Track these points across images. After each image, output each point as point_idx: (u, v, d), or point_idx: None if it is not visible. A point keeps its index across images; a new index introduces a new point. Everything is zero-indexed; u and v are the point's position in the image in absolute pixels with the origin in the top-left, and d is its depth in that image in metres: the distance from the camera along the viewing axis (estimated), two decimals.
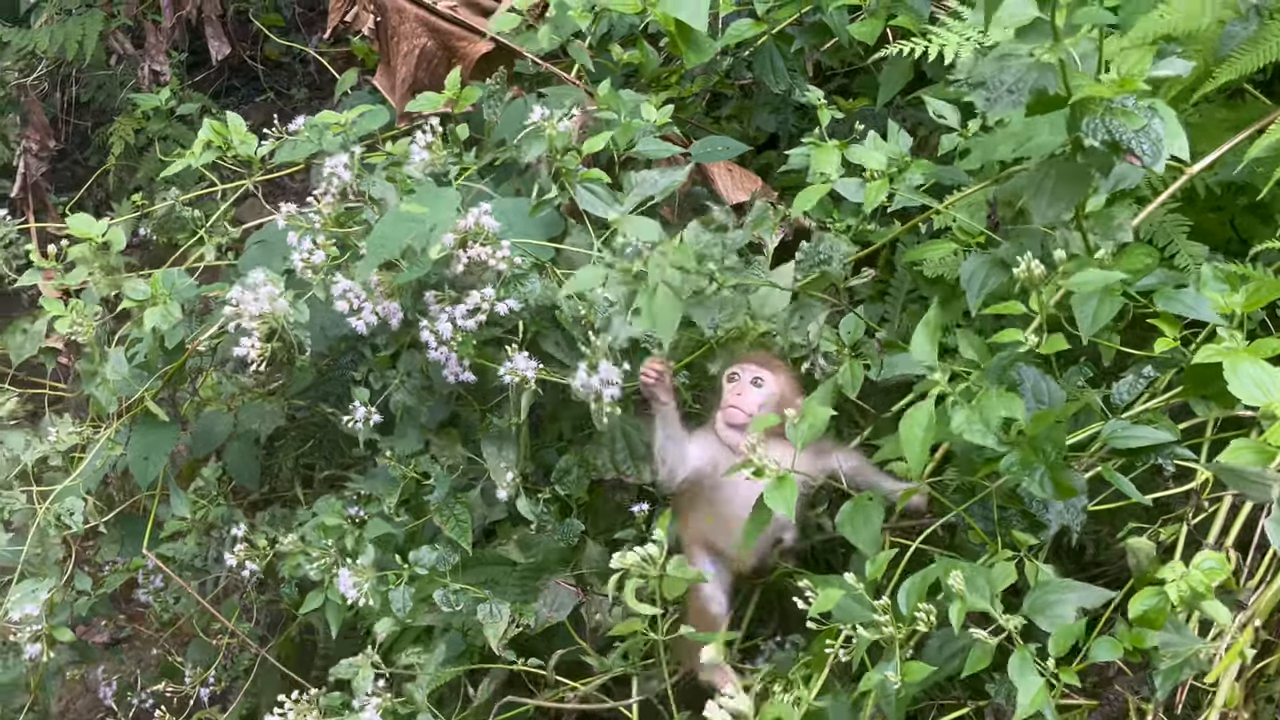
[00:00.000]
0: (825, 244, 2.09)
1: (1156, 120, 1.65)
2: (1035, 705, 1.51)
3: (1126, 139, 1.65)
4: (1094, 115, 1.66)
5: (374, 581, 2.19)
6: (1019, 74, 1.66)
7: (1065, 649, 1.54)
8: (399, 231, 2.11)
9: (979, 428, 1.60)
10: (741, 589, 2.24)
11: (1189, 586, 1.50)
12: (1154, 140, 1.65)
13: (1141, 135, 1.65)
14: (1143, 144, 1.65)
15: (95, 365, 2.50)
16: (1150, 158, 1.65)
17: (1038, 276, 1.69)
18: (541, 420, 2.54)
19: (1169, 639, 1.56)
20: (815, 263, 2.07)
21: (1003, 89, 1.66)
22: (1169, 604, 1.51)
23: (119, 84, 4.86)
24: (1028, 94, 1.63)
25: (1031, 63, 1.64)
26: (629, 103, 2.38)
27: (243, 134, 2.43)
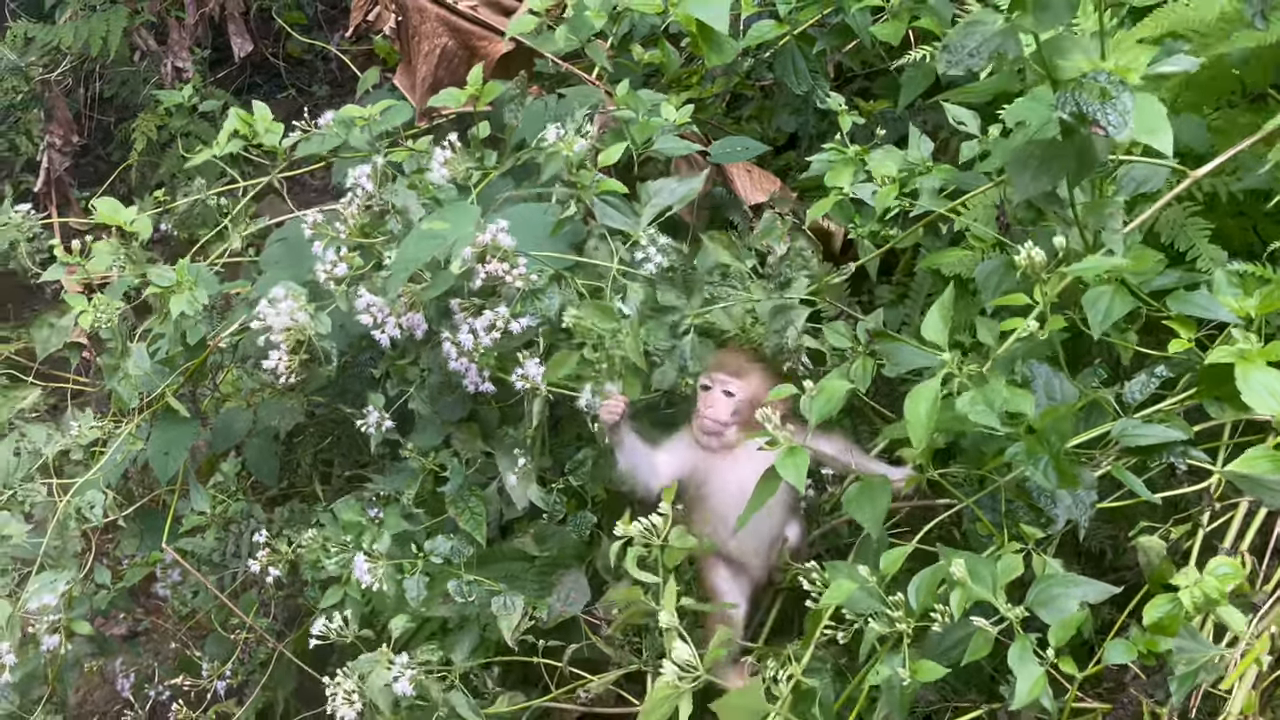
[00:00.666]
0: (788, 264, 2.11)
1: (1126, 94, 1.65)
2: (1033, 694, 1.51)
3: (1093, 110, 1.66)
4: (1066, 90, 1.67)
5: (389, 570, 2.20)
6: (983, 38, 1.69)
7: (1065, 639, 1.54)
8: (423, 249, 2.12)
9: (982, 408, 1.61)
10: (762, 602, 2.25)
11: (1203, 593, 1.50)
12: (1121, 112, 1.65)
13: (1108, 107, 1.65)
14: (1108, 115, 1.65)
15: (117, 360, 2.52)
16: (1115, 128, 1.65)
17: (1038, 264, 1.69)
18: (560, 420, 2.55)
19: (1184, 645, 1.56)
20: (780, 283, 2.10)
21: (964, 51, 1.69)
22: (1183, 610, 1.51)
23: (142, 80, 4.89)
24: (988, 56, 1.66)
25: (997, 28, 1.67)
26: (648, 101, 2.38)
27: (269, 123, 2.44)
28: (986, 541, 1.83)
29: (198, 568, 2.86)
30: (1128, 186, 2.04)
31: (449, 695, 2.18)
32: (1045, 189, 1.88)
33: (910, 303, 2.46)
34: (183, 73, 4.63)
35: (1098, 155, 1.84)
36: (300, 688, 3.01)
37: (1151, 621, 1.54)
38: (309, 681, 2.78)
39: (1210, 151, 2.14)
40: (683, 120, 2.45)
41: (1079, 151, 1.81)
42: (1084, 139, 1.79)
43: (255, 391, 2.99)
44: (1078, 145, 1.81)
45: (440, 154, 2.29)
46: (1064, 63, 1.75)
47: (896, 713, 1.61)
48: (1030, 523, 1.79)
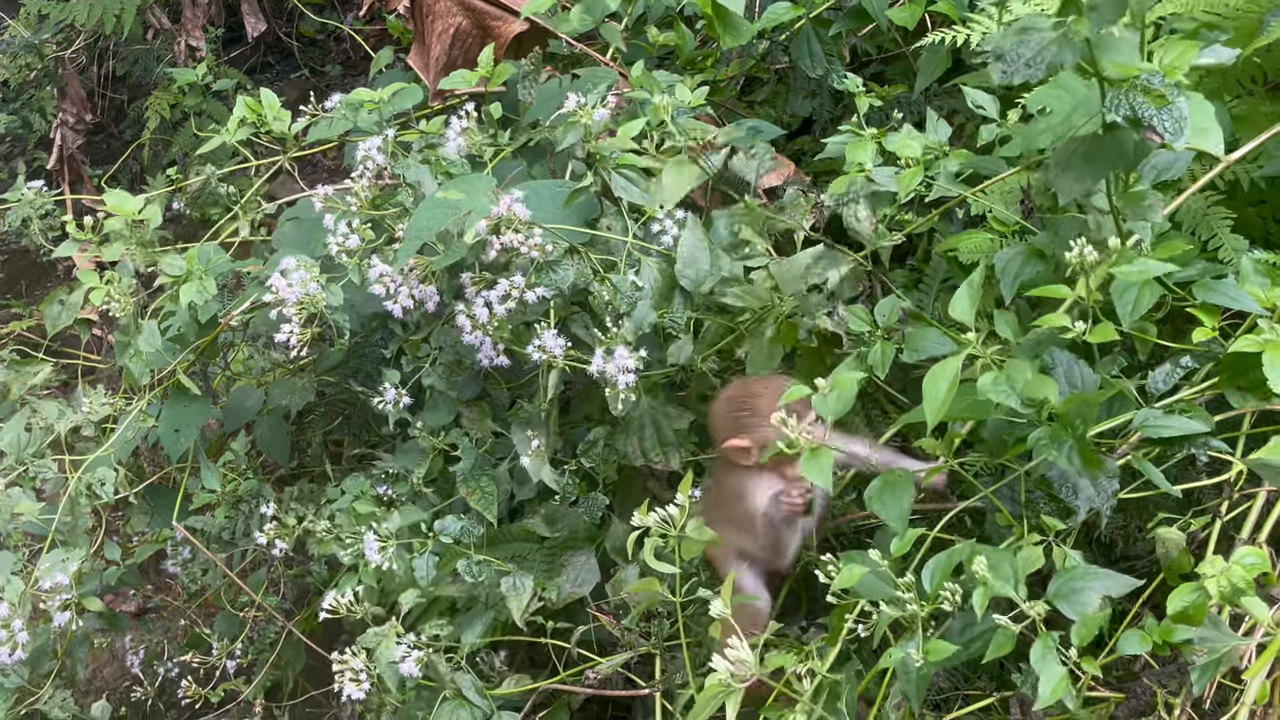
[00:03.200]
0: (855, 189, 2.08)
1: (1181, 99, 1.62)
2: (1056, 694, 1.50)
3: (1148, 115, 1.63)
4: (1119, 91, 1.64)
5: (399, 549, 2.20)
6: (1038, 47, 1.64)
7: (1089, 638, 1.53)
8: (436, 218, 2.12)
9: (1004, 389, 1.59)
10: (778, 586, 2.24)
11: (1229, 582, 1.48)
12: (1176, 119, 1.62)
13: (1164, 113, 1.63)
14: (1164, 121, 1.63)
15: (129, 337, 2.52)
16: (1172, 135, 1.62)
17: (1091, 262, 1.67)
18: (571, 401, 2.55)
19: (1206, 635, 1.54)
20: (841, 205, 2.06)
21: (1020, 61, 1.64)
22: (1209, 600, 1.49)
23: (155, 59, 4.89)
24: (1045, 68, 1.62)
25: (1053, 36, 1.63)
26: (663, 82, 2.36)
27: (277, 110, 2.44)
28: (1005, 533, 1.82)
29: (207, 546, 2.86)
30: (1149, 175, 2.02)
31: (456, 675, 2.18)
32: (1089, 188, 1.85)
33: (925, 288, 2.44)
34: (196, 51, 4.62)
35: (1144, 154, 1.81)
36: (309, 667, 3.02)
37: (1176, 611, 1.52)
38: (318, 660, 2.79)
39: (1234, 139, 2.12)
40: (697, 102, 2.43)
41: (1124, 150, 1.78)
42: (1131, 139, 1.75)
43: (267, 371, 2.99)
44: (1123, 144, 1.78)
45: (457, 124, 2.28)
46: (1111, 61, 1.71)
47: (913, 698, 1.60)
48: (1050, 513, 1.77)
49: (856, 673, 1.77)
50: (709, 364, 2.25)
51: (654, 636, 2.16)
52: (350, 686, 2.17)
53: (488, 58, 2.47)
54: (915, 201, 2.28)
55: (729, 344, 2.24)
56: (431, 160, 2.31)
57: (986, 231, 2.13)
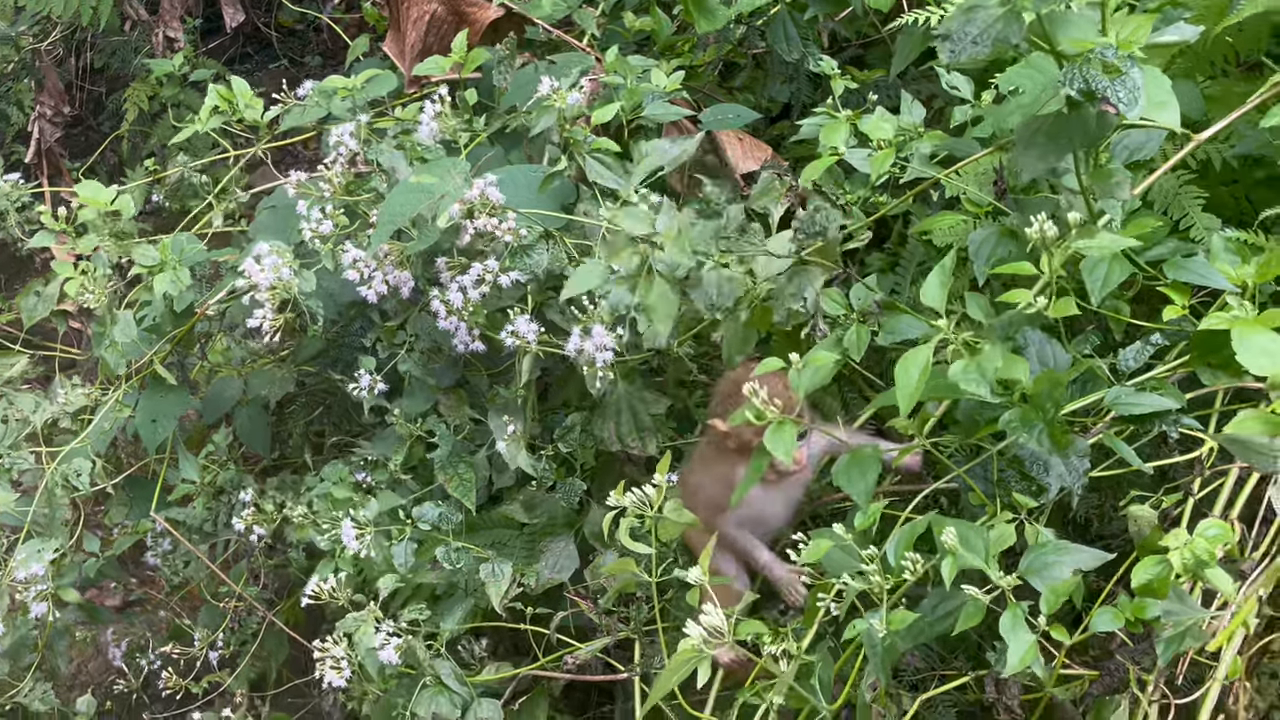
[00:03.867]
0: (822, 215, 2.07)
1: (1135, 70, 1.63)
2: (1025, 662, 1.51)
3: (1102, 87, 1.64)
4: (1074, 65, 1.65)
5: (377, 536, 2.20)
6: (984, 25, 1.66)
7: (1057, 605, 1.54)
8: (410, 203, 2.11)
9: (975, 376, 1.59)
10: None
11: (1193, 554, 1.49)
12: (1130, 89, 1.63)
13: (1118, 84, 1.63)
14: (1118, 92, 1.63)
15: (105, 329, 2.51)
16: (1126, 106, 1.63)
17: (1050, 238, 1.67)
18: (549, 387, 2.55)
19: (1172, 608, 1.55)
20: (811, 233, 2.06)
21: (966, 40, 1.65)
22: (1172, 572, 1.50)
23: (133, 50, 4.85)
24: (991, 44, 1.63)
25: (998, 14, 1.64)
26: (638, 67, 2.36)
27: (249, 98, 2.42)
28: (979, 512, 1.83)
29: (188, 537, 2.86)
30: (1121, 154, 2.02)
31: (435, 662, 2.18)
32: (1052, 165, 1.86)
33: (901, 271, 2.44)
34: (174, 43, 4.58)
35: (1106, 130, 1.82)
36: (292, 657, 3.02)
37: (1140, 584, 1.53)
38: (301, 651, 2.78)
39: (1206, 119, 2.12)
40: (673, 86, 2.42)
41: (1086, 126, 1.79)
42: (1092, 115, 1.76)
43: (246, 361, 2.98)
44: (1084, 120, 1.79)
45: (430, 108, 2.27)
46: (1067, 37, 1.72)
47: (879, 671, 1.61)
48: (1023, 492, 1.78)
49: (830, 650, 1.77)
50: (685, 349, 2.25)
51: (632, 621, 2.16)
52: (331, 674, 2.17)
53: (461, 43, 2.46)
54: (890, 184, 2.28)
55: (705, 328, 2.24)
56: (406, 146, 2.30)
57: (960, 213, 2.14)
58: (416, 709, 2.15)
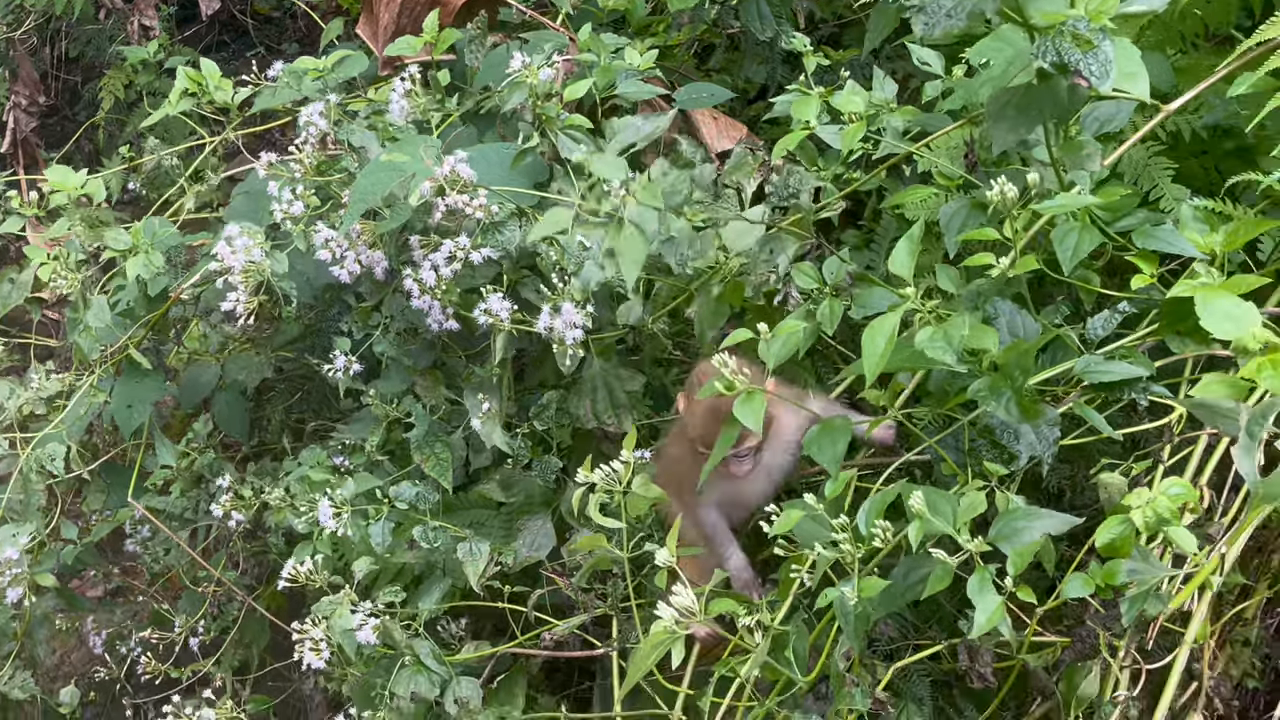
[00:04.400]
0: (795, 178, 2.07)
1: (1106, 42, 1.63)
2: (992, 622, 1.52)
3: (1074, 60, 1.64)
4: (1046, 37, 1.65)
5: (354, 516, 2.20)
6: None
7: (1023, 566, 1.55)
8: (381, 181, 2.10)
9: (941, 344, 1.60)
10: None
11: (1154, 512, 1.50)
12: (1102, 62, 1.64)
13: (1090, 57, 1.64)
14: (1090, 65, 1.64)
15: (79, 314, 2.50)
16: (1098, 79, 1.64)
17: (1010, 200, 1.68)
18: (525, 368, 2.55)
19: (1136, 567, 1.56)
20: (785, 196, 2.06)
21: (941, 13, 1.66)
22: (1134, 531, 1.51)
23: (108, 39, 4.82)
24: (965, 17, 1.63)
25: None
26: (611, 45, 2.36)
27: (218, 80, 2.41)
28: (951, 482, 1.83)
29: (168, 524, 2.85)
30: (1091, 126, 2.03)
31: (414, 642, 2.18)
32: (1024, 137, 1.87)
33: (875, 248, 2.45)
34: (149, 30, 4.54)
35: (1078, 103, 1.83)
36: (273, 643, 3.01)
37: (1104, 543, 1.54)
38: (282, 637, 2.78)
39: (1175, 91, 2.13)
40: (646, 65, 2.42)
41: (1057, 98, 1.80)
42: (1063, 87, 1.77)
43: (222, 347, 2.97)
44: (1055, 92, 1.79)
45: (400, 85, 2.27)
46: (1038, 9, 1.72)
47: (853, 639, 1.62)
48: (994, 460, 1.79)
49: (804, 621, 1.78)
50: (660, 325, 2.25)
51: (609, 598, 2.17)
52: (310, 656, 2.17)
53: (432, 22, 2.45)
54: (863, 160, 2.28)
55: (680, 304, 2.24)
56: (378, 127, 2.29)
57: (932, 187, 2.14)
58: (395, 688, 2.15)
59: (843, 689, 1.70)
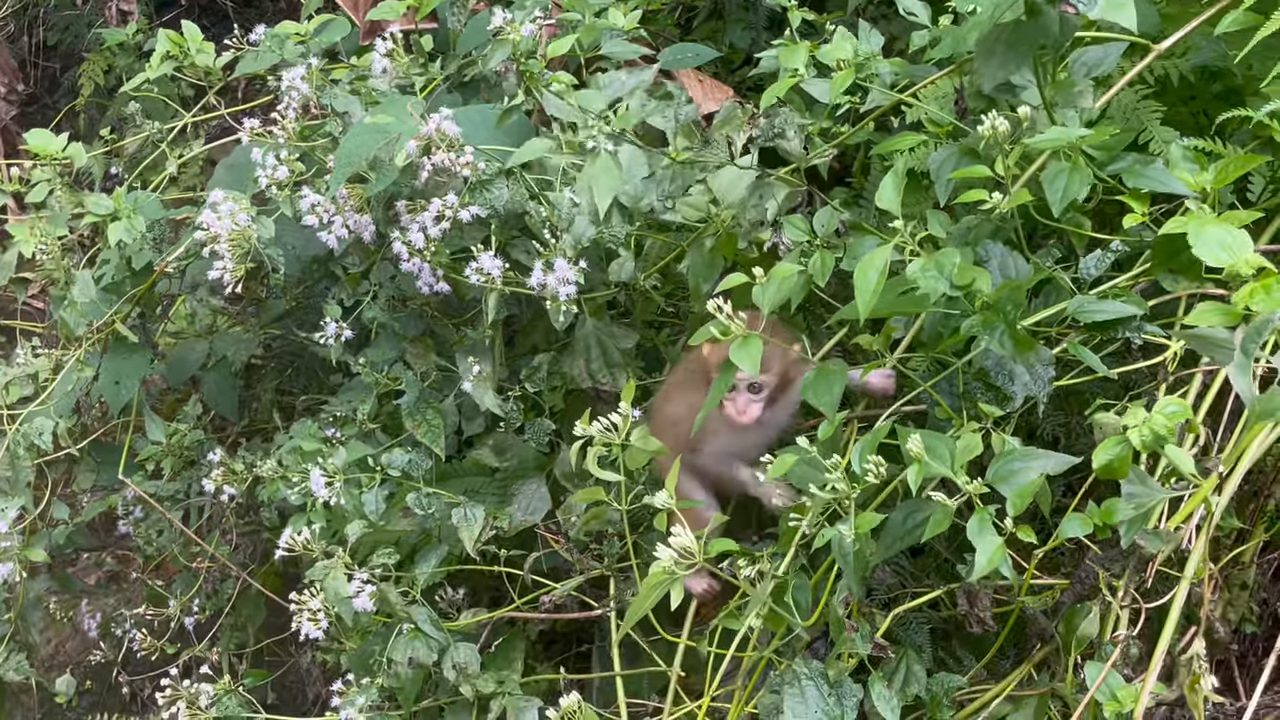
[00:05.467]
0: (780, 118, 2.06)
1: None
2: (993, 563, 1.51)
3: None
4: None
5: (347, 485, 2.18)
6: None
7: (1023, 507, 1.54)
8: (366, 143, 2.09)
9: (933, 274, 1.59)
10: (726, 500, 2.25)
11: (1151, 430, 1.49)
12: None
13: None
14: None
15: (63, 290, 2.48)
16: (1086, 6, 1.63)
17: (1002, 134, 1.67)
18: (517, 333, 2.54)
19: (1133, 490, 1.56)
20: (771, 136, 2.04)
21: None
22: (1131, 451, 1.51)
23: (86, 25, 4.78)
24: None
25: None
26: (594, 5, 2.34)
27: (199, 43, 2.39)
28: (946, 427, 1.83)
29: (160, 505, 2.83)
30: (1079, 71, 2.02)
31: (411, 609, 2.17)
32: (1014, 73, 1.86)
33: (865, 203, 2.44)
34: (128, 15, 4.50)
35: (1068, 33, 1.82)
36: (269, 622, 3.00)
37: (1101, 464, 1.53)
38: (277, 616, 2.77)
39: (1162, 35, 2.12)
40: (631, 26, 2.40)
41: (1048, 30, 1.79)
42: (1053, 17, 1.77)
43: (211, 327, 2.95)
44: (1045, 24, 1.79)
45: (382, 45, 2.25)
46: None
47: (852, 580, 1.61)
48: (989, 402, 1.78)
49: (802, 569, 1.77)
50: (651, 282, 2.24)
51: (605, 559, 2.16)
52: (308, 625, 2.15)
53: None
54: (850, 114, 2.27)
55: (671, 261, 2.23)
56: (361, 92, 2.27)
57: (920, 134, 2.13)
58: (393, 654, 2.14)
59: (843, 633, 1.70)
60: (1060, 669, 1.78)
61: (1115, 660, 1.66)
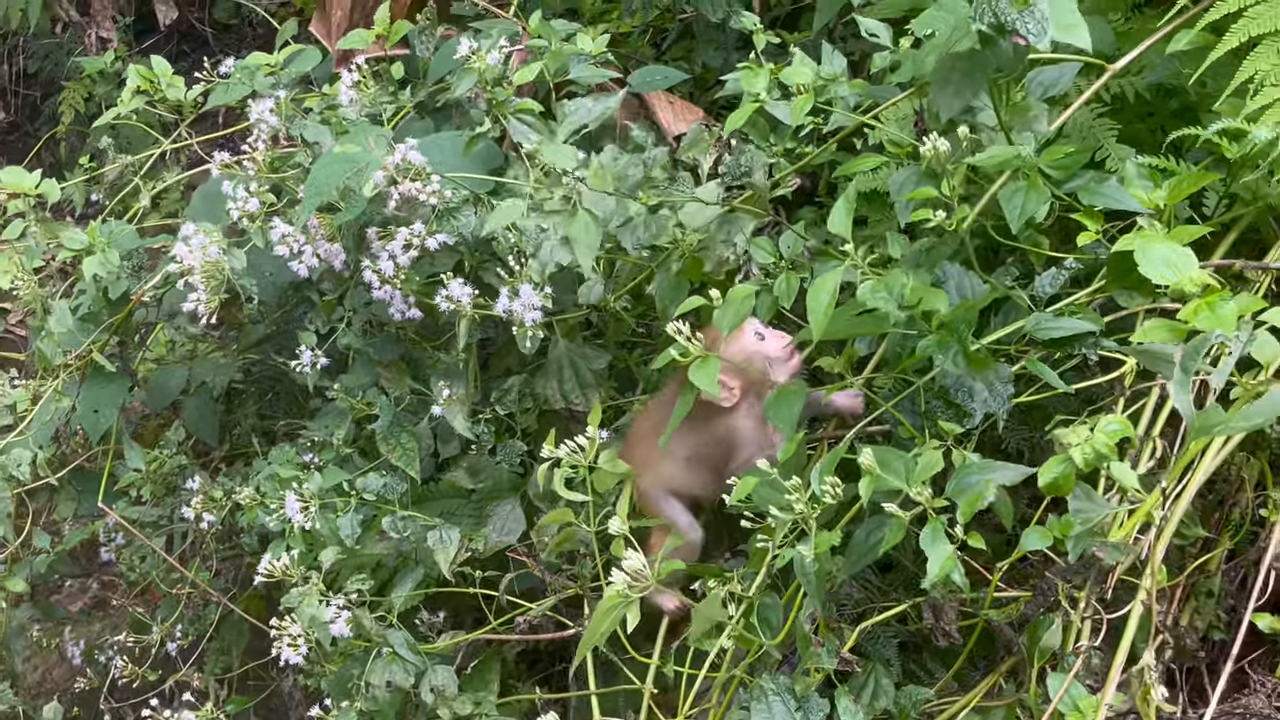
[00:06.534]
0: (746, 156, 2.09)
1: (1043, 1, 1.67)
2: (944, 570, 1.54)
3: (1011, 19, 1.68)
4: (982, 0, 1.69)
5: (323, 510, 2.20)
6: None
7: (971, 514, 1.57)
8: (334, 173, 2.11)
9: (883, 295, 1.63)
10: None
11: (1093, 449, 1.52)
12: (1039, 19, 1.67)
13: (1026, 15, 1.67)
14: (1027, 23, 1.67)
15: (40, 320, 2.50)
16: (1035, 36, 1.67)
17: (943, 155, 1.71)
18: (491, 356, 2.56)
19: (1080, 506, 1.59)
20: (738, 174, 2.08)
21: None
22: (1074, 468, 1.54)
23: (65, 53, 4.81)
24: None
25: None
26: (562, 31, 2.37)
27: (169, 77, 2.42)
28: (910, 445, 1.86)
29: (142, 532, 2.85)
30: (1036, 91, 2.06)
31: (388, 633, 2.18)
32: (969, 102, 1.90)
33: None
34: (107, 43, 4.54)
35: (1018, 63, 1.86)
36: (252, 647, 3.01)
37: (1047, 483, 1.56)
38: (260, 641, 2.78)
39: (1118, 54, 2.16)
40: (599, 50, 2.43)
41: (1002, 60, 1.83)
42: (1006, 49, 1.81)
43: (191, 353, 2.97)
44: (999, 54, 1.83)
45: (349, 76, 2.28)
46: None
47: (814, 598, 1.63)
48: (949, 420, 1.81)
49: (773, 586, 1.80)
50: (622, 303, 2.27)
51: (579, 579, 2.18)
52: (288, 651, 2.17)
53: (383, 15, 2.46)
54: (815, 135, 2.30)
55: (641, 282, 2.26)
56: (332, 121, 2.30)
57: (881, 155, 2.16)
58: (370, 678, 2.15)
59: (809, 649, 1.72)
60: (1028, 680, 1.81)
61: (1077, 671, 1.69)
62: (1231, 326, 1.44)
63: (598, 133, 2.34)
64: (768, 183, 2.12)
